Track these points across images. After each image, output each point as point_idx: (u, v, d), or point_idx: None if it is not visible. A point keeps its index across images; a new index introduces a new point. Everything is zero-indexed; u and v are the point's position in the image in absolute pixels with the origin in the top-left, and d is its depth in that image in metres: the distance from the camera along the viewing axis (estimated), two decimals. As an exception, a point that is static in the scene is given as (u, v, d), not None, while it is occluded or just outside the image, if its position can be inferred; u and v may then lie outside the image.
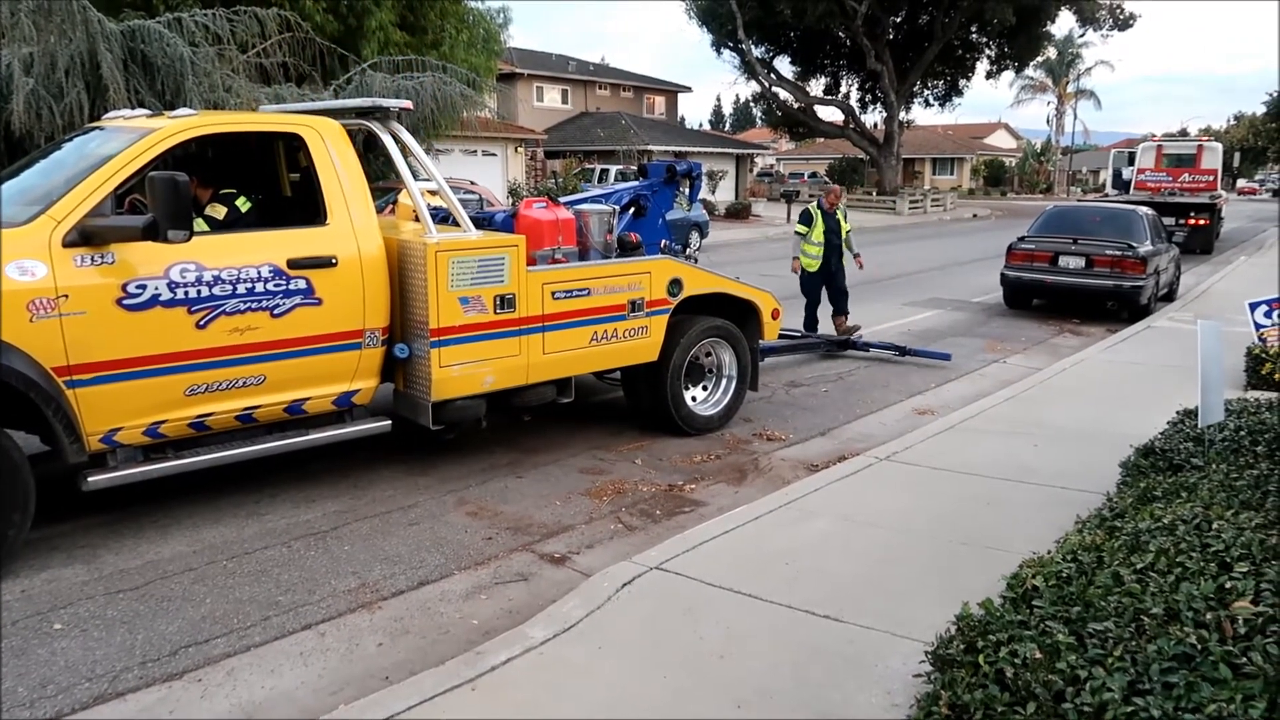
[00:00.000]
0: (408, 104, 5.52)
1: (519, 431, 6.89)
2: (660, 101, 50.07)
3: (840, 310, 10.99)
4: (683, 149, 38.58)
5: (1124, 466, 4.90)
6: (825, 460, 6.41)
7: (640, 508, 5.56)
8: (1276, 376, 7.07)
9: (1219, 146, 25.40)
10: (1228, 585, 2.92)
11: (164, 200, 4.26)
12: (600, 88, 45.82)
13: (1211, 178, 24.17)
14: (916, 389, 8.73)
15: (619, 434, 6.94)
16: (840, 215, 10.95)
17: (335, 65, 13.25)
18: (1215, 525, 3.43)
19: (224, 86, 11.11)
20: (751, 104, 53.99)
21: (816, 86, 47.38)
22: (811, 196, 42.67)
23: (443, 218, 5.97)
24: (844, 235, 10.89)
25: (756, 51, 43.24)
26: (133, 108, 7.48)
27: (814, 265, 10.78)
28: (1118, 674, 2.59)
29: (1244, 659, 2.56)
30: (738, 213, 35.58)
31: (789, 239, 12.47)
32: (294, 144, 5.37)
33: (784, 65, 46.26)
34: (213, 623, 4.02)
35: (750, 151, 49.92)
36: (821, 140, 53.72)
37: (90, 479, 4.49)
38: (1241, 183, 69.39)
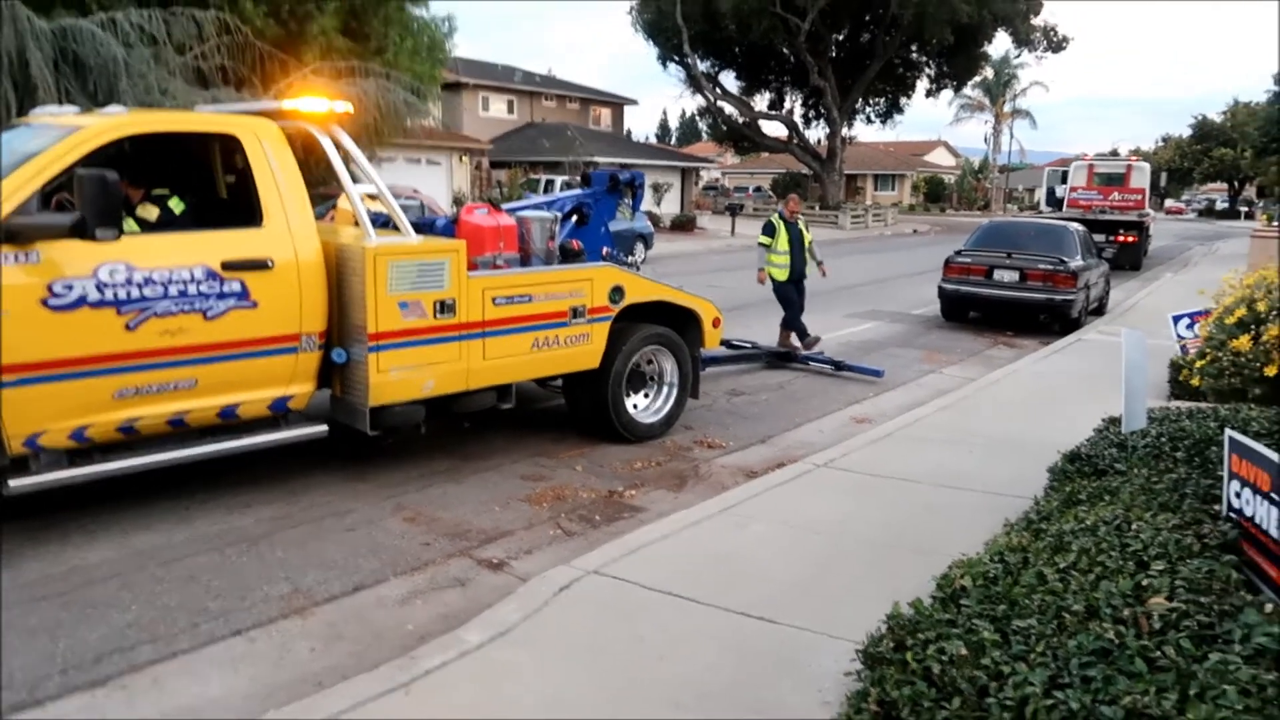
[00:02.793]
0: (347, 106, 5.47)
1: (459, 438, 6.84)
2: (606, 114, 50.19)
3: (790, 325, 11.11)
4: (628, 161, 38.63)
5: (1051, 472, 5.02)
6: (764, 467, 6.47)
7: (580, 514, 5.55)
8: (1193, 382, 7.32)
9: (1147, 166, 26.19)
10: (1145, 583, 3.02)
11: (92, 198, 4.17)
12: (546, 99, 45.78)
13: (1140, 196, 24.89)
14: (855, 398, 8.86)
15: (560, 441, 6.93)
16: (802, 225, 11.07)
17: (276, 70, 13.07)
18: (1135, 526, 3.53)
19: (160, 89, 10.91)
20: (697, 118, 54.48)
21: (761, 102, 47.99)
22: (756, 210, 43.17)
23: (383, 223, 5.92)
24: (807, 245, 10.98)
25: (702, 66, 43.63)
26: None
27: (783, 274, 10.83)
28: (1039, 669, 2.65)
29: (1159, 653, 2.64)
30: (683, 225, 35.79)
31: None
32: (230, 145, 5.28)
33: (729, 80, 46.81)
34: (139, 630, 3.92)
35: (695, 165, 50.24)
36: (766, 155, 54.38)
37: (11, 483, 4.35)
38: (1169, 202, 71.60)
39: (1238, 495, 3.48)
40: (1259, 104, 49.42)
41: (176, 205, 5.13)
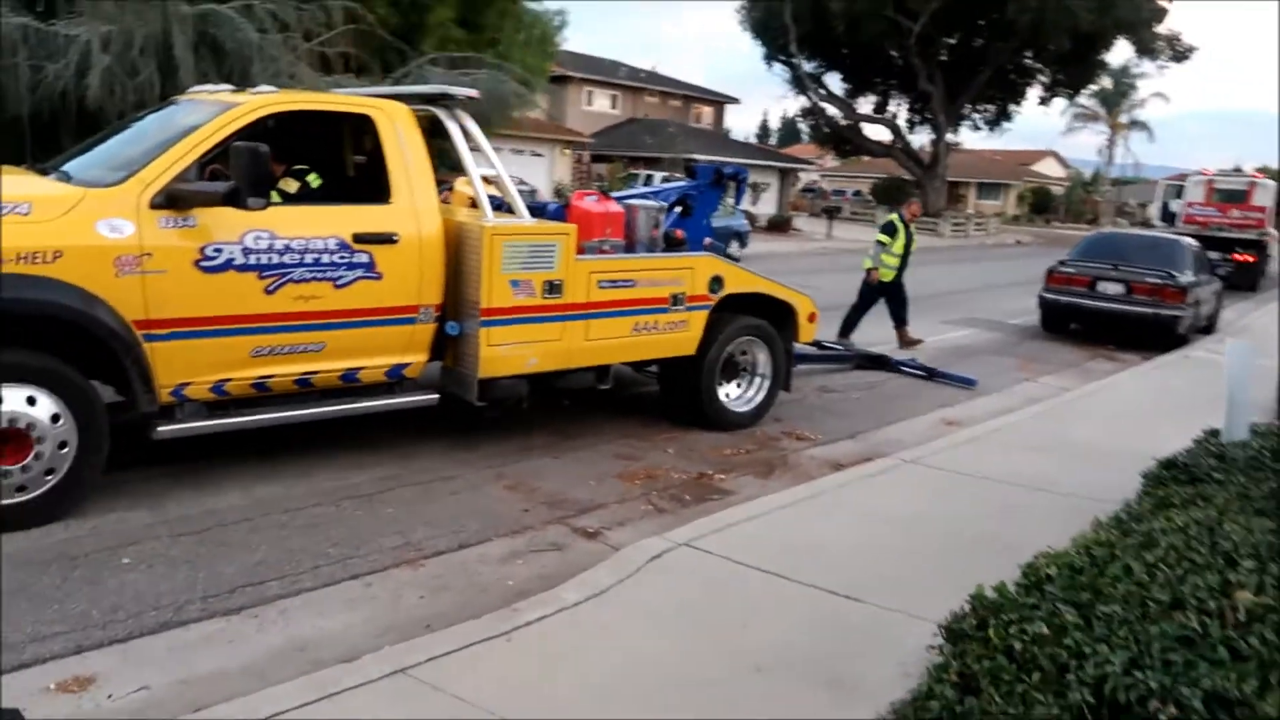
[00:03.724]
0: (474, 92, 5.78)
1: (557, 415, 7.11)
2: (708, 112, 50.28)
3: (903, 321, 11.24)
4: (728, 160, 38.75)
5: (1145, 477, 5.01)
6: (851, 460, 6.56)
7: (670, 493, 5.76)
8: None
9: (1272, 184, 25.00)
10: (1232, 579, 3.06)
11: (246, 169, 4.54)
12: (649, 95, 46.09)
13: (1262, 215, 23.85)
14: (947, 401, 8.85)
15: (652, 424, 7.14)
16: (913, 229, 11.24)
17: (394, 58, 13.60)
18: (1227, 528, 3.56)
19: (288, 73, 11.49)
20: (799, 119, 54.07)
21: (865, 104, 47.34)
22: (855, 214, 42.76)
23: (496, 205, 6.22)
24: (912, 250, 11.18)
25: (808, 66, 43.32)
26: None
27: (890, 275, 10.98)
28: (1120, 651, 2.74)
29: (1242, 643, 2.70)
30: (779, 225, 35.71)
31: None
32: (364, 125, 5.64)
33: (834, 81, 46.32)
34: (267, 568, 4.28)
35: (794, 166, 50.00)
36: (867, 159, 53.64)
37: (160, 429, 4.77)
38: (1293, 223, 68.24)
39: (1335, 504, 3.48)
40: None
41: (314, 180, 5.50)
